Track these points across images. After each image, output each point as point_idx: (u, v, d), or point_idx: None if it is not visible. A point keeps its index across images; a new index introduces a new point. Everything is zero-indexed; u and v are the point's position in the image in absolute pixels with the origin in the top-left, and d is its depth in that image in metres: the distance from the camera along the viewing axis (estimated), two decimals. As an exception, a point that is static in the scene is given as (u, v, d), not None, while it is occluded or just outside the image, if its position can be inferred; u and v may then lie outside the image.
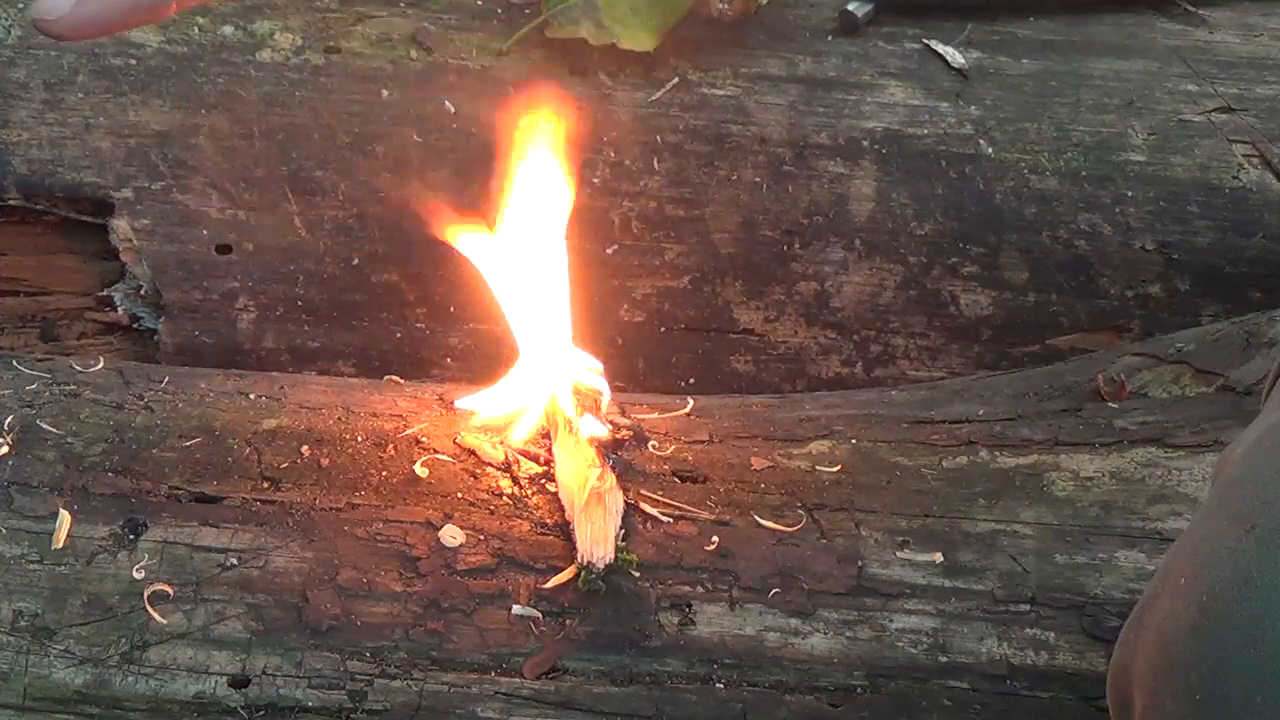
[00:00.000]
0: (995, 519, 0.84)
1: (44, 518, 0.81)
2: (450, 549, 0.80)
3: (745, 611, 0.80)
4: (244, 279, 1.13)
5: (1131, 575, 0.81)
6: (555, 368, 0.91)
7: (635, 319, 1.16)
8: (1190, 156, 1.17)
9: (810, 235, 1.15)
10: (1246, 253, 1.16)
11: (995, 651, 0.79)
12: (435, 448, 0.87)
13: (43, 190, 1.11)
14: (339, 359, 1.16)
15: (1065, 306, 1.17)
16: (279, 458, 0.85)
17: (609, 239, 1.15)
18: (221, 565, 0.79)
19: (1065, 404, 0.96)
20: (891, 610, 0.80)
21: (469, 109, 1.14)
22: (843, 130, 1.17)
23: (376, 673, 0.77)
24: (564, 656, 0.78)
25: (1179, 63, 1.22)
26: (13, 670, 0.76)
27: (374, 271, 1.14)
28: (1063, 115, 1.18)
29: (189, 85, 1.13)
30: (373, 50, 1.16)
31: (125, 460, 0.84)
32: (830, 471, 0.88)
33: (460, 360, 1.15)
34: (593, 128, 1.14)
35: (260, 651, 0.77)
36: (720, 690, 0.78)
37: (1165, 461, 0.88)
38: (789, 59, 1.20)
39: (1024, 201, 1.16)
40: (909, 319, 1.17)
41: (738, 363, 1.18)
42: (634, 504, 0.83)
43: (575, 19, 1.15)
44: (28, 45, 1.13)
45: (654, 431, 0.91)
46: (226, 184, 1.12)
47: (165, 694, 0.77)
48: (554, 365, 0.91)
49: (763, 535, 0.83)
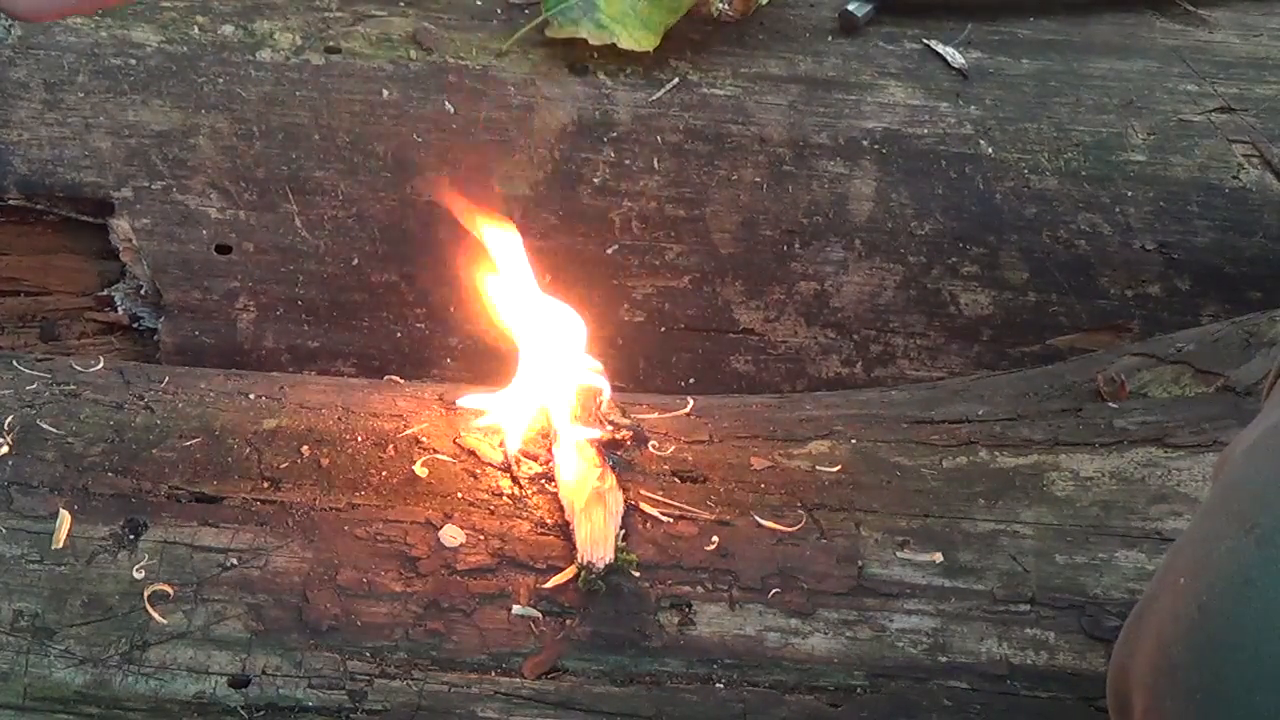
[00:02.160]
0: (995, 519, 0.84)
1: (44, 518, 0.81)
2: (450, 549, 0.80)
3: (745, 611, 0.80)
4: (244, 279, 1.13)
5: (1131, 575, 0.81)
6: (555, 368, 0.91)
7: (635, 319, 1.16)
8: (1190, 156, 1.17)
9: (810, 235, 1.15)
10: (1246, 253, 1.16)
11: (995, 651, 0.79)
12: (435, 448, 0.87)
13: (43, 190, 1.11)
14: (339, 359, 1.16)
15: (1065, 306, 1.17)
16: (279, 458, 0.85)
17: (609, 239, 1.15)
18: (221, 565, 0.79)
19: (1065, 404, 0.96)
20: (891, 610, 0.80)
21: (469, 109, 1.14)
22: (843, 130, 1.17)
23: (376, 673, 0.77)
24: (564, 656, 0.78)
25: (1179, 63, 1.22)
26: (13, 670, 0.76)
27: (374, 271, 1.14)
28: (1063, 115, 1.18)
29: (189, 85, 1.13)
30: (373, 50, 1.16)
31: (125, 460, 0.84)
32: (830, 471, 0.87)
33: (460, 360, 1.15)
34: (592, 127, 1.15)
35: (260, 651, 0.77)
36: (720, 690, 0.78)
37: (1165, 461, 0.87)
38: (789, 59, 1.20)
39: (1024, 201, 1.16)
40: (909, 319, 1.17)
41: (738, 363, 1.18)
42: (634, 504, 0.83)
43: (575, 19, 1.15)
44: (28, 45, 1.12)
45: (654, 431, 0.91)
46: (226, 184, 1.12)
47: (165, 694, 0.76)
48: (554, 366, 0.91)
49: (763, 535, 0.83)
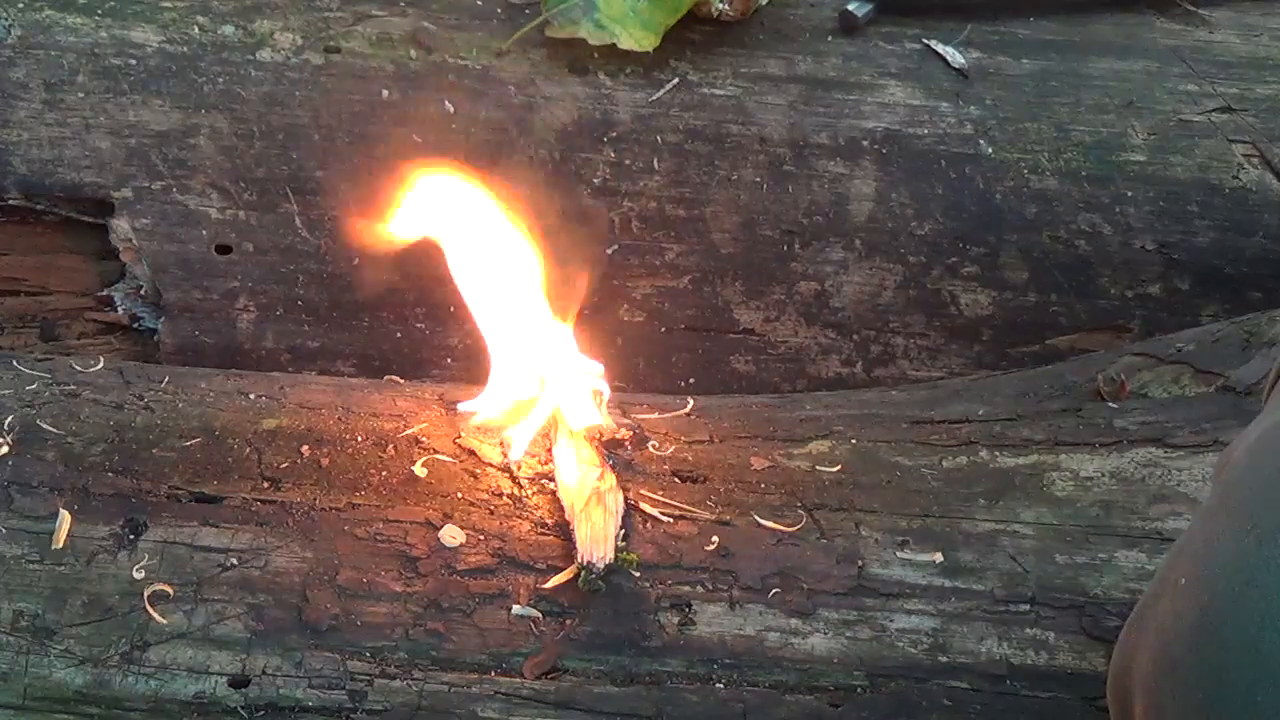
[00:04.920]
0: (995, 519, 0.84)
1: (44, 518, 0.81)
2: (450, 549, 0.80)
3: (745, 611, 0.80)
4: (244, 279, 1.13)
5: (1131, 575, 0.81)
6: (555, 369, 0.91)
7: (635, 319, 1.16)
8: (1190, 156, 1.17)
9: (810, 235, 1.15)
10: (1246, 253, 1.16)
11: (995, 651, 0.79)
12: (435, 448, 0.87)
13: (43, 190, 1.11)
14: (339, 359, 1.16)
15: (1065, 306, 1.17)
16: (279, 458, 0.85)
17: (609, 239, 1.15)
18: (221, 565, 0.79)
19: (1065, 404, 0.96)
20: (891, 610, 0.80)
21: (469, 109, 1.14)
22: (843, 130, 1.17)
23: (376, 673, 0.77)
24: (564, 656, 0.78)
25: (1179, 63, 1.22)
26: (13, 670, 0.76)
27: (374, 271, 1.14)
28: (1063, 115, 1.18)
29: (189, 85, 1.13)
30: (373, 50, 1.16)
31: (125, 460, 0.84)
32: (830, 471, 0.87)
33: (460, 360, 1.15)
34: (592, 127, 1.15)
35: (260, 651, 0.77)
36: (720, 690, 0.78)
37: (1165, 461, 0.87)
38: (789, 59, 1.20)
39: (1024, 201, 1.16)
40: (909, 319, 1.17)
41: (738, 363, 1.18)
42: (634, 504, 0.83)
43: (575, 19, 1.15)
44: (28, 45, 1.12)
45: (654, 431, 0.91)
46: (226, 184, 1.12)
47: (165, 694, 0.76)
48: (554, 366, 0.91)
49: (763, 535, 0.83)
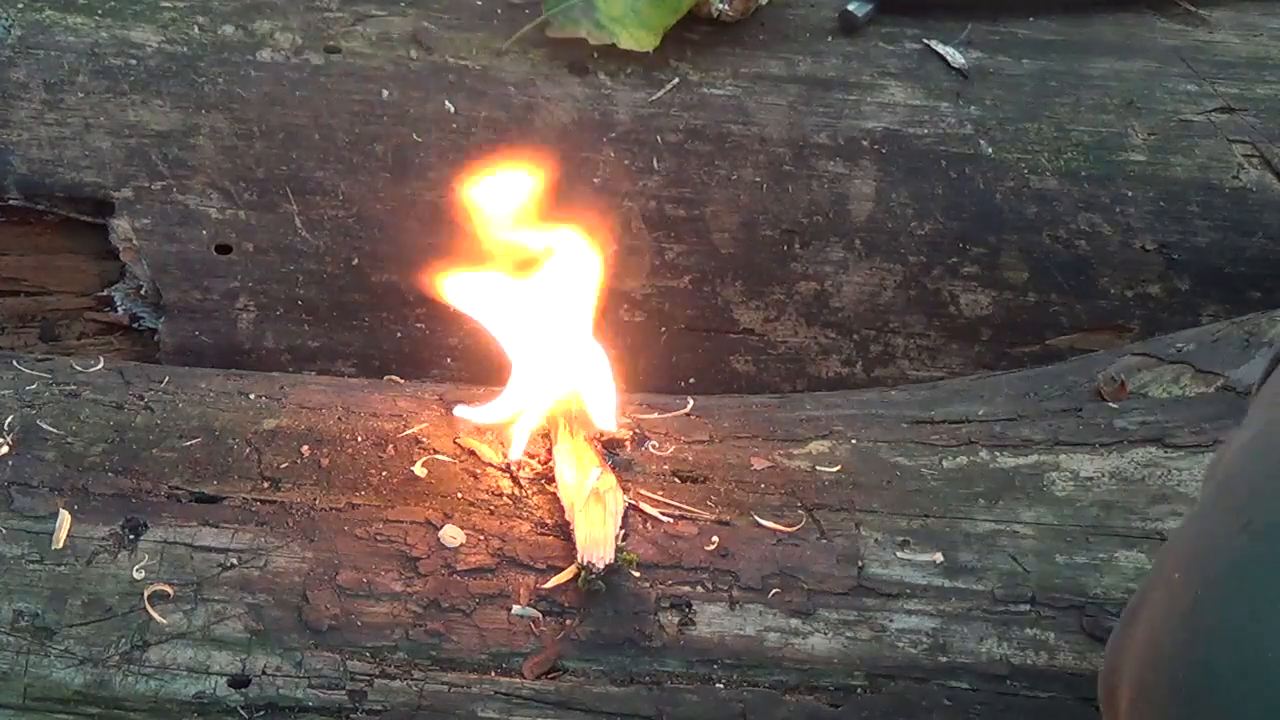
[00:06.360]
0: (995, 519, 0.84)
1: (44, 518, 0.81)
2: (450, 549, 0.81)
3: (745, 611, 0.80)
4: (244, 279, 1.13)
5: (1131, 575, 0.81)
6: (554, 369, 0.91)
7: (635, 319, 1.16)
8: (1190, 156, 1.17)
9: (810, 235, 1.15)
10: (1246, 253, 1.16)
11: (995, 651, 0.79)
12: (435, 448, 0.87)
13: (43, 190, 1.11)
14: (339, 359, 1.16)
15: (1065, 306, 1.17)
16: (279, 458, 0.85)
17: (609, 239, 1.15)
18: (221, 565, 0.79)
19: (1065, 404, 0.96)
20: (891, 610, 0.80)
21: (469, 109, 1.14)
22: (843, 130, 1.17)
23: (376, 673, 0.77)
24: (564, 656, 0.78)
25: (1179, 63, 1.22)
26: (13, 670, 0.76)
27: (374, 271, 1.14)
28: (1063, 115, 1.18)
29: (189, 85, 1.13)
30: (373, 50, 1.16)
31: (125, 460, 0.84)
32: (830, 471, 0.87)
33: (460, 360, 1.15)
34: (592, 127, 1.15)
35: (260, 651, 0.77)
36: (720, 690, 0.78)
37: (1165, 461, 0.87)
38: (789, 59, 1.20)
39: (1024, 201, 1.16)
40: (909, 319, 1.17)
41: (738, 363, 1.18)
42: (634, 504, 0.83)
43: (575, 19, 1.15)
44: (28, 45, 1.12)
45: (654, 431, 0.91)
46: (226, 184, 1.12)
47: (165, 694, 0.77)
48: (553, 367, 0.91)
49: (763, 535, 0.83)
